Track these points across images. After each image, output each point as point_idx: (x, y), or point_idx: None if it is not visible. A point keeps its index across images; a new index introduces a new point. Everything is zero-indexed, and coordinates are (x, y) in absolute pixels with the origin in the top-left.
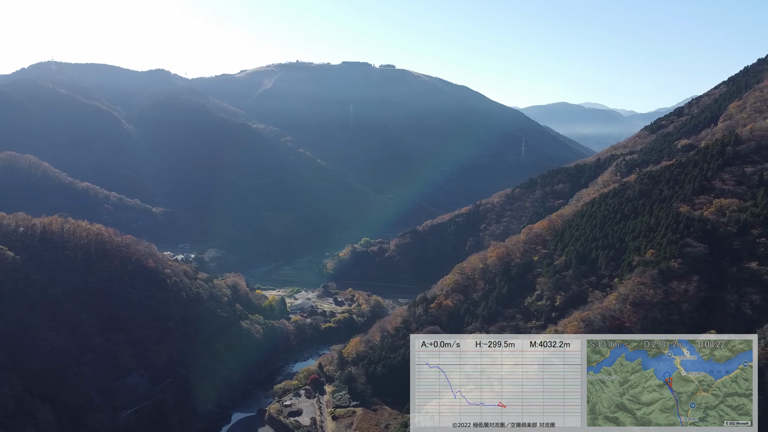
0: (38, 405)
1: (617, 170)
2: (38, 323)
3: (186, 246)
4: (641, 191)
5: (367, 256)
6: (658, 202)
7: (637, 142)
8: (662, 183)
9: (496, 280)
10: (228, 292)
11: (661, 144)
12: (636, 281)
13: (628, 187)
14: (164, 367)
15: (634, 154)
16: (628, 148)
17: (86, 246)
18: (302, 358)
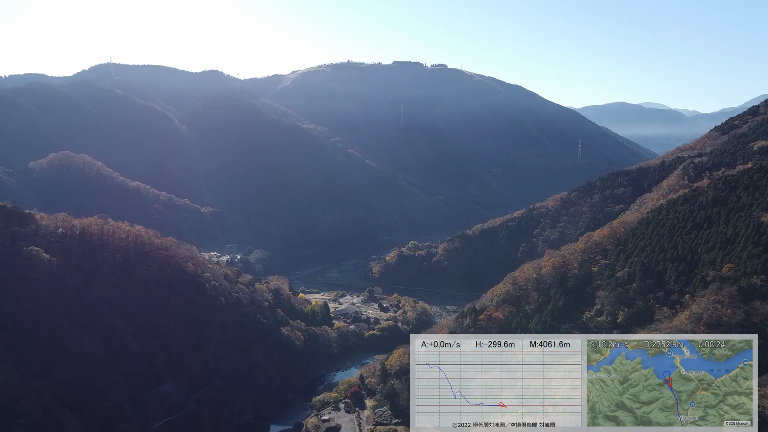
0: (67, 415)
1: (684, 174)
2: (71, 328)
3: (233, 246)
4: (716, 198)
5: (415, 261)
6: (735, 210)
7: (706, 144)
8: (740, 189)
9: (551, 292)
10: (269, 297)
11: (735, 146)
12: (711, 299)
13: (701, 193)
14: (200, 375)
15: (704, 156)
16: (696, 150)
17: (125, 248)
18: (344, 367)
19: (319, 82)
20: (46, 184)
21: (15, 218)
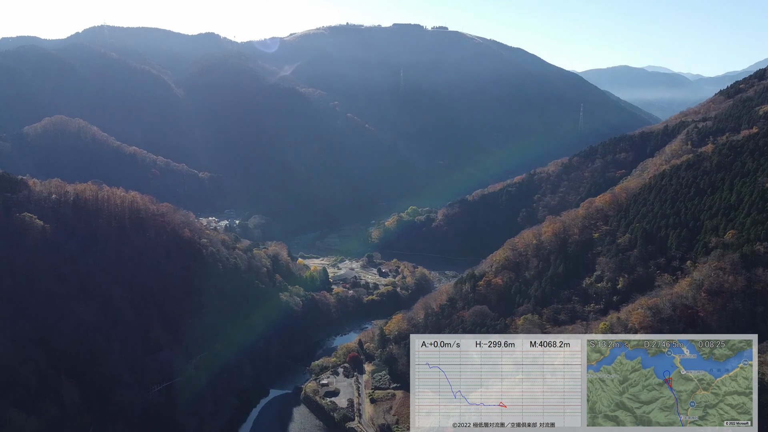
0: (64, 382)
1: (688, 139)
2: (67, 296)
3: (231, 212)
4: (720, 163)
5: (414, 226)
6: (740, 176)
7: (710, 108)
8: (745, 154)
9: (551, 258)
10: (268, 263)
11: (740, 110)
12: (713, 266)
13: (705, 159)
14: (198, 341)
15: (708, 121)
16: (700, 114)
17: (120, 215)
18: (343, 332)
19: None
20: (41, 149)
21: (6, 184)
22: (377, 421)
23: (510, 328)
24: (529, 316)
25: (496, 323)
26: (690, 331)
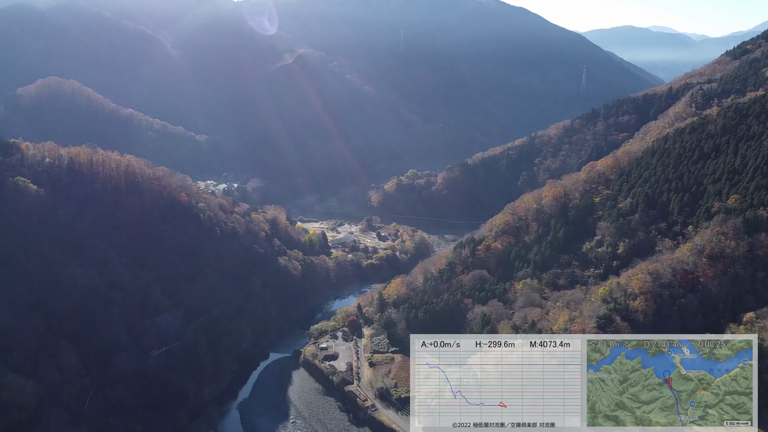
0: (62, 346)
1: (692, 101)
2: (63, 260)
3: (230, 175)
4: (725, 126)
5: (414, 190)
6: (744, 140)
7: (716, 69)
8: (750, 117)
9: (552, 223)
10: (266, 227)
11: (746, 71)
12: (715, 231)
13: (709, 122)
14: (197, 306)
15: (713, 83)
16: (705, 76)
17: (116, 179)
18: (342, 296)
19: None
20: (36, 111)
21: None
22: (376, 385)
23: (509, 292)
24: (528, 281)
25: (495, 288)
26: (690, 296)
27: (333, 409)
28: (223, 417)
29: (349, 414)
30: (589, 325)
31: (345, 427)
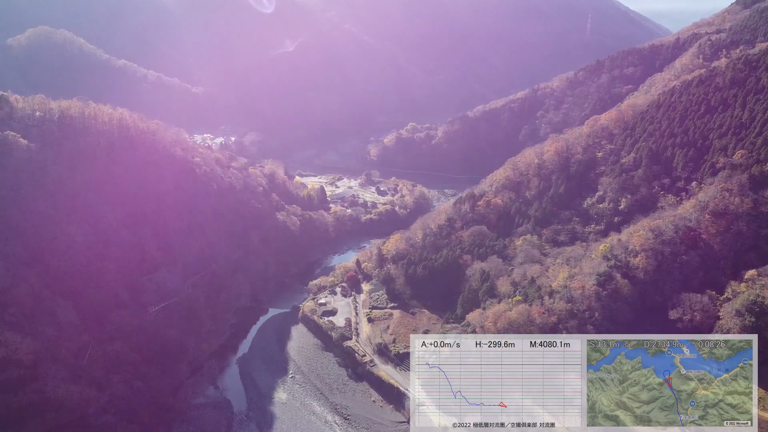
0: (59, 303)
1: (700, 52)
2: (57, 216)
3: (227, 128)
4: (733, 79)
5: (413, 143)
6: (753, 93)
7: (725, 19)
8: (760, 69)
9: (553, 178)
10: (264, 182)
11: (756, 21)
12: (719, 187)
13: (717, 74)
14: (194, 261)
15: (722, 33)
16: (713, 26)
17: (108, 133)
18: (341, 251)
19: None
20: (27, 62)
21: None
22: (374, 340)
23: (509, 248)
24: (528, 237)
25: (495, 244)
26: (691, 253)
27: (332, 364)
28: (222, 372)
29: (348, 369)
30: (588, 283)
31: (344, 382)
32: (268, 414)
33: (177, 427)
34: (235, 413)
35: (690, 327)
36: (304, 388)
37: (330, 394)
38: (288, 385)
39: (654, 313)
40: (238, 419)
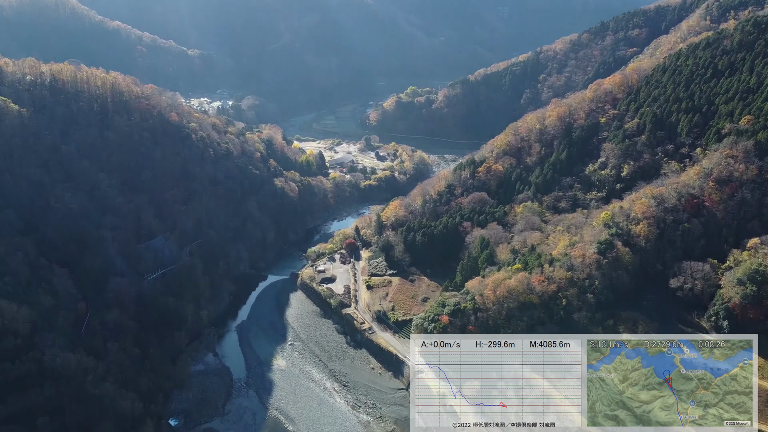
0: (56, 271)
1: (707, 13)
2: (51, 183)
3: (224, 92)
4: (741, 42)
5: (413, 108)
6: (762, 57)
7: None
8: None
9: (555, 144)
10: (261, 147)
11: None
12: (724, 153)
13: (725, 37)
14: (192, 229)
15: None
16: None
17: (102, 97)
18: (340, 218)
19: None
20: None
21: None
22: (373, 308)
23: (509, 215)
24: (528, 204)
25: (495, 211)
26: (693, 221)
27: (331, 331)
28: (221, 339)
29: (347, 336)
30: (589, 251)
31: (342, 350)
32: (267, 381)
33: (176, 395)
34: (234, 380)
35: (690, 296)
36: (303, 355)
37: (329, 361)
38: (287, 352)
39: (654, 282)
40: (238, 386)
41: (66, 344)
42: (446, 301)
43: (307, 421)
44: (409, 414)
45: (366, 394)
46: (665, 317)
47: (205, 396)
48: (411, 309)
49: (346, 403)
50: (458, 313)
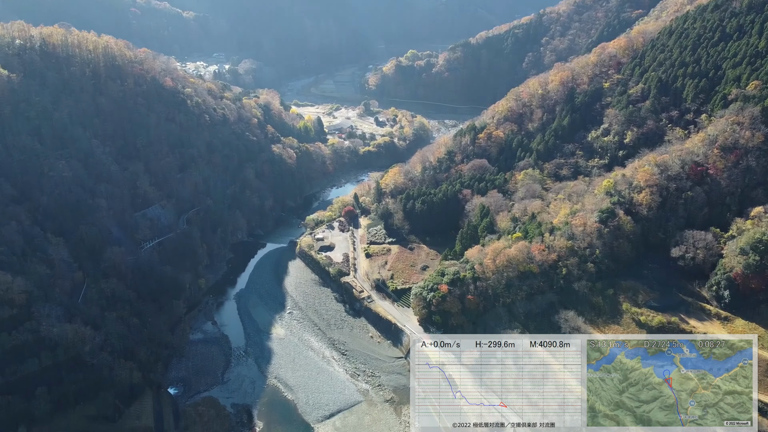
0: (51, 240)
1: None
2: (44, 151)
3: (221, 56)
4: (751, 4)
5: (413, 72)
6: None
7: None
8: None
9: (557, 109)
10: (259, 113)
11: None
12: (730, 120)
13: None
14: (189, 197)
15: None
16: None
17: (94, 62)
18: (339, 184)
19: None
20: None
21: None
22: (372, 276)
23: (509, 183)
24: (529, 171)
25: (496, 178)
26: (697, 189)
27: (329, 300)
28: (219, 308)
29: (346, 305)
30: (590, 220)
31: (341, 318)
32: (266, 349)
33: (175, 364)
34: (233, 349)
35: (692, 265)
36: (301, 323)
37: (327, 329)
38: (286, 320)
39: (656, 251)
40: (237, 355)
41: (63, 314)
42: (445, 270)
43: (306, 389)
44: (408, 382)
45: (365, 363)
46: (666, 287)
47: (204, 364)
48: (410, 277)
49: (345, 372)
50: (457, 282)
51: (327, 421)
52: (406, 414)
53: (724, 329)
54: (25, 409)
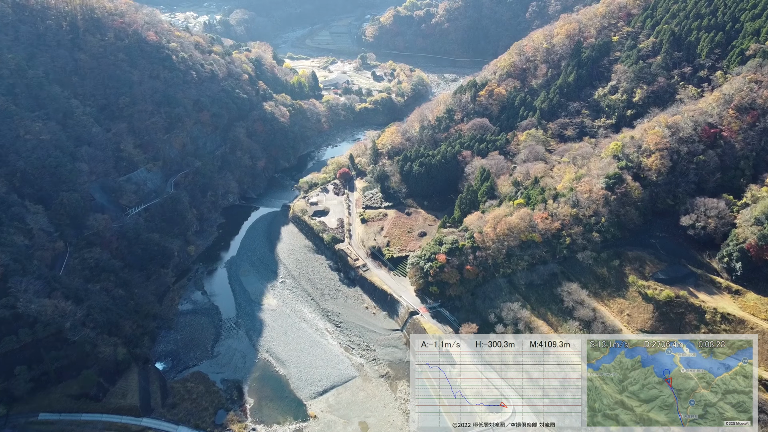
0: (30, 208)
1: None
2: (20, 112)
3: (212, 5)
4: None
5: (412, 22)
6: None
7: None
8: None
9: (562, 65)
10: (250, 68)
11: None
12: (747, 78)
13: None
14: (176, 159)
15: None
16: None
17: (71, 14)
18: (334, 143)
19: None
20: None
21: None
22: (368, 243)
23: (511, 144)
24: (532, 131)
25: (497, 139)
26: (709, 152)
27: (323, 268)
28: (210, 276)
29: (340, 273)
30: (596, 186)
31: (335, 288)
32: (258, 321)
33: (163, 336)
34: (223, 320)
35: (702, 234)
36: (294, 293)
37: (321, 300)
38: (278, 290)
39: (664, 218)
40: (227, 327)
41: (42, 288)
42: (443, 238)
43: (299, 364)
44: (404, 356)
45: (360, 336)
46: (674, 257)
47: (194, 337)
48: (407, 244)
49: (339, 345)
50: (456, 251)
51: (320, 397)
52: (401, 390)
53: (735, 303)
54: (4, 388)
